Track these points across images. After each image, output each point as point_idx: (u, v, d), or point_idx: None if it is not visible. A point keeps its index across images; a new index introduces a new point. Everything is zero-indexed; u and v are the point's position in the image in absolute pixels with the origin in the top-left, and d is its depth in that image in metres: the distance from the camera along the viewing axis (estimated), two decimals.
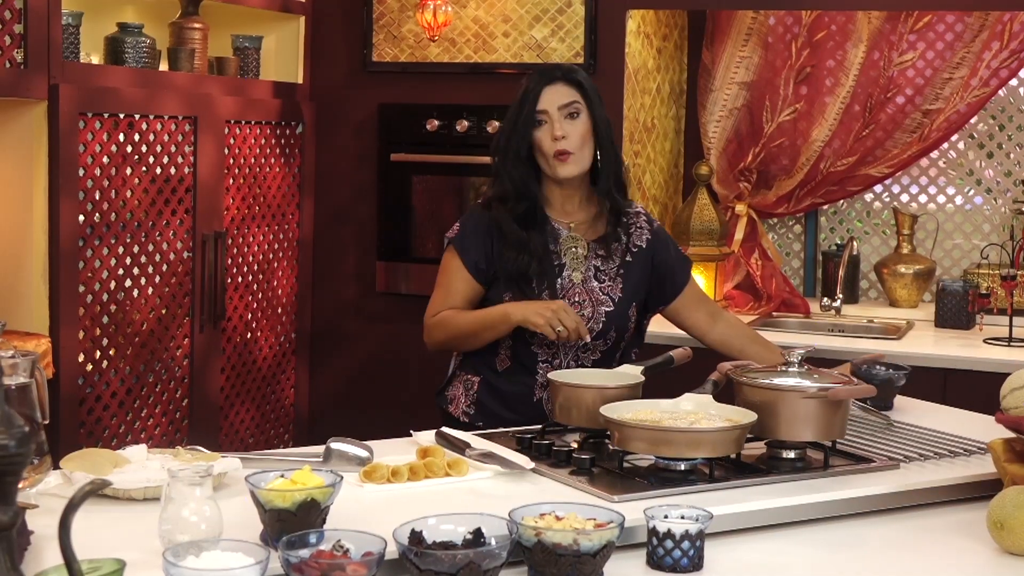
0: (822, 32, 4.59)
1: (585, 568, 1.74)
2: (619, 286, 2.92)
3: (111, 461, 2.16)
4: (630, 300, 2.92)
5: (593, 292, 2.89)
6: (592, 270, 2.92)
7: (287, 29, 4.61)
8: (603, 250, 2.93)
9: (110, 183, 3.69)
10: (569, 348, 2.86)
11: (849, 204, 4.88)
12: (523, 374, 2.89)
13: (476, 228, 2.91)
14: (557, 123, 2.83)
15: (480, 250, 2.89)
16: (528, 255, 2.85)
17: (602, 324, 2.88)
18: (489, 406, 2.91)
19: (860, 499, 2.19)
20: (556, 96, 2.85)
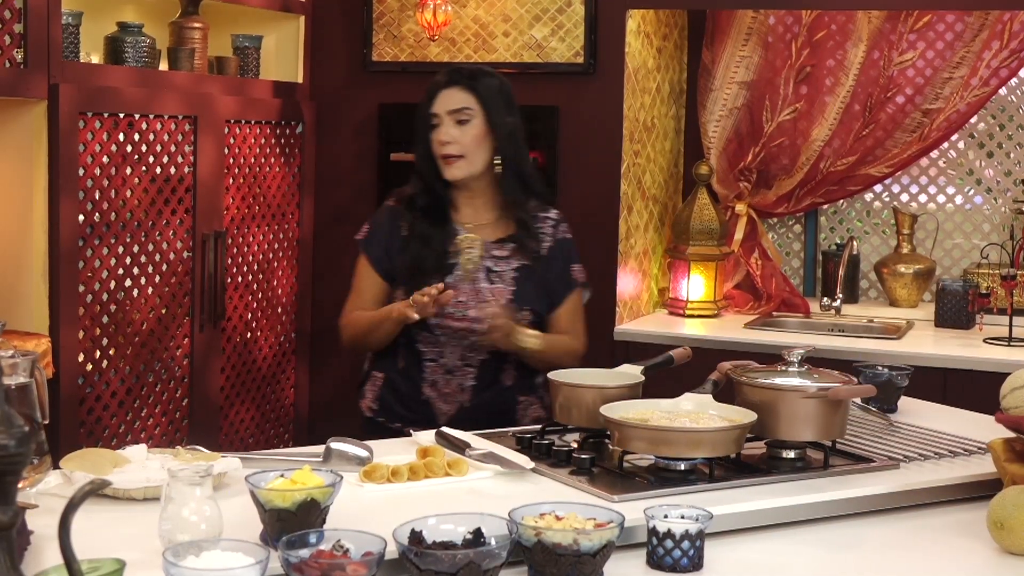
0: (822, 32, 4.59)
1: (585, 568, 1.74)
2: (510, 289, 2.94)
3: (111, 461, 2.16)
4: (521, 304, 2.93)
5: (480, 293, 2.92)
6: (484, 271, 2.94)
7: (287, 29, 4.61)
8: (501, 252, 2.96)
9: (110, 183, 3.69)
10: (454, 346, 2.91)
11: (849, 204, 4.88)
12: (414, 373, 2.96)
13: (381, 225, 3.02)
14: (443, 127, 2.91)
15: (382, 245, 2.99)
16: (428, 249, 2.93)
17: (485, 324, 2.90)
18: (389, 403, 3.00)
19: (860, 499, 2.20)
20: (448, 100, 2.93)
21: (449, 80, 2.96)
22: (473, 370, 2.94)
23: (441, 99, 2.94)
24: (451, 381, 2.94)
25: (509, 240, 2.98)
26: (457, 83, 2.95)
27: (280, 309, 4.51)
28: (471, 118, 2.92)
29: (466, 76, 2.96)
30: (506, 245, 2.97)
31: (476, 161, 2.93)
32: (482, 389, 2.94)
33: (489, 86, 2.96)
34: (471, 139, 2.92)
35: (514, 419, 2.94)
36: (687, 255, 4.55)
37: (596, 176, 4.33)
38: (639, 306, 4.57)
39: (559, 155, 4.37)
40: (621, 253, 4.34)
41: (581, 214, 4.35)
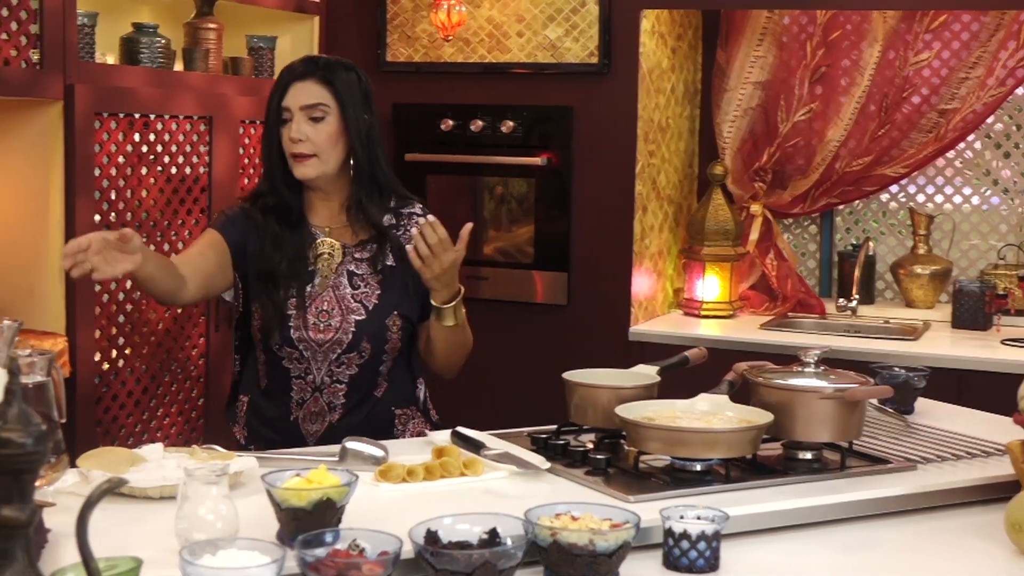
0: (837, 32, 4.58)
1: (601, 568, 1.73)
2: (376, 292, 2.74)
3: (128, 460, 2.17)
4: (389, 308, 2.73)
5: (344, 300, 2.71)
6: (346, 275, 2.74)
7: (301, 29, 4.61)
8: (362, 254, 2.76)
9: (126, 183, 3.70)
10: (320, 361, 2.70)
11: (865, 204, 4.86)
12: (280, 393, 2.74)
13: (236, 218, 2.78)
14: (296, 124, 2.68)
15: (242, 236, 2.74)
16: (279, 254, 2.70)
17: (352, 335, 2.70)
18: (256, 428, 2.79)
19: (877, 500, 2.19)
20: (302, 95, 2.69)
21: (304, 71, 2.71)
22: (343, 386, 2.72)
23: (294, 92, 2.70)
24: (319, 399, 2.72)
25: (371, 241, 2.77)
26: (312, 75, 2.70)
27: None
28: (326, 115, 2.68)
29: (322, 68, 2.71)
30: (368, 247, 2.76)
31: (329, 160, 2.70)
32: (353, 406, 2.74)
33: (347, 81, 2.72)
34: (325, 137, 2.68)
35: (391, 436, 2.75)
36: (702, 256, 4.54)
37: (610, 177, 4.33)
38: (654, 307, 4.57)
39: (573, 156, 4.36)
40: (636, 254, 4.33)
41: (596, 214, 4.36)
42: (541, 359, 4.36)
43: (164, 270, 2.56)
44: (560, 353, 4.24)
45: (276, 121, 2.72)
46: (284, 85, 2.71)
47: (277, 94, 2.72)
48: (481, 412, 3.23)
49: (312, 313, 2.70)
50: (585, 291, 4.37)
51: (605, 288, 4.34)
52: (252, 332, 2.77)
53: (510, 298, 4.45)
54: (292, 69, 2.75)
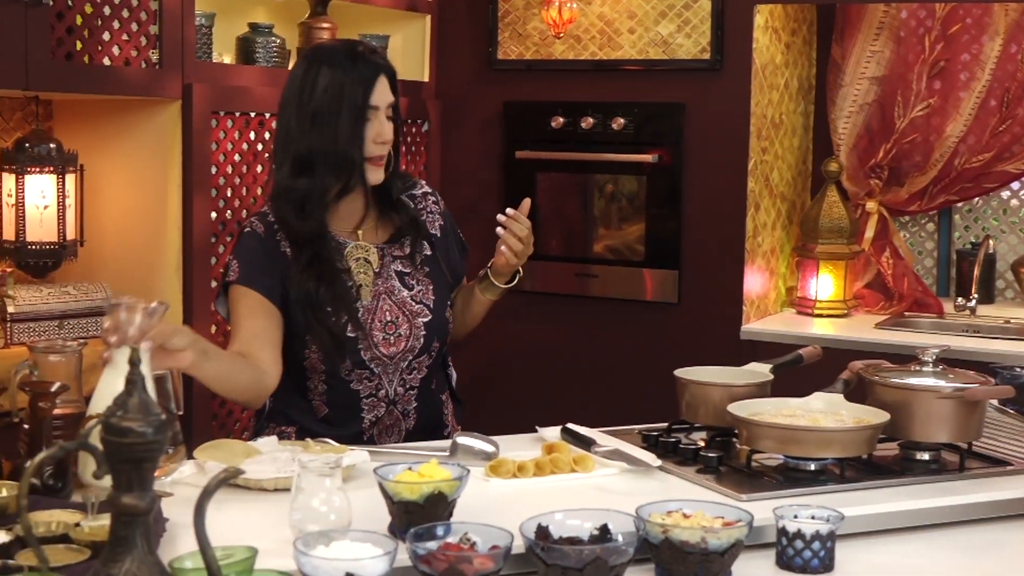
0: (956, 25, 4.47)
1: (713, 566, 1.72)
2: (430, 288, 2.59)
3: (243, 452, 2.20)
4: (444, 300, 2.61)
5: (405, 305, 2.55)
6: (396, 277, 2.56)
7: (413, 28, 4.64)
8: (400, 251, 2.59)
9: (241, 181, 3.76)
10: (391, 374, 2.54)
11: (985, 201, 4.75)
12: (347, 418, 2.54)
13: (255, 254, 2.49)
14: (381, 123, 2.47)
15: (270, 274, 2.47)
16: (312, 281, 2.44)
17: (423, 339, 2.55)
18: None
19: (997, 503, 2.13)
20: (386, 91, 2.48)
21: (382, 68, 2.48)
22: (414, 391, 2.59)
23: (380, 89, 2.47)
24: (394, 411, 2.57)
25: (401, 235, 2.60)
26: (384, 69, 2.49)
27: None
28: (393, 112, 2.51)
29: (383, 60, 2.50)
30: (404, 242, 2.60)
31: None
32: (422, 408, 2.61)
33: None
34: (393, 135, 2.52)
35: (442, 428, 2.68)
36: (816, 253, 4.47)
37: (723, 173, 4.29)
38: (766, 305, 4.51)
39: (685, 152, 4.33)
40: (748, 251, 4.29)
41: (708, 212, 4.32)
42: (651, 358, 4.34)
43: (232, 363, 2.34)
44: (670, 352, 4.21)
45: (360, 120, 2.45)
46: (369, 80, 2.46)
47: (360, 88, 2.45)
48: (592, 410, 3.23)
49: (377, 328, 2.52)
50: (696, 289, 4.34)
51: (716, 286, 4.30)
52: (308, 364, 2.53)
53: (620, 296, 4.43)
54: (373, 67, 2.48)
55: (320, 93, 2.44)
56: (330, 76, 2.44)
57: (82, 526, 1.74)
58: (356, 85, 2.44)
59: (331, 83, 2.44)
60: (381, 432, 2.58)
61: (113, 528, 1.37)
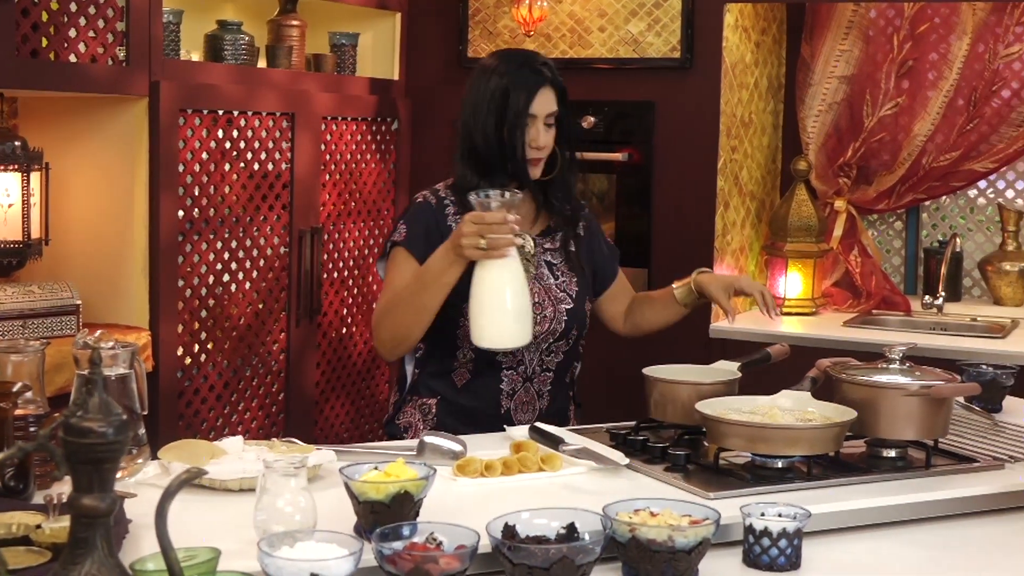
0: (925, 25, 4.50)
1: (680, 565, 1.71)
2: (574, 280, 2.81)
3: (208, 452, 2.18)
4: (585, 294, 2.83)
5: (551, 290, 2.77)
6: (545, 266, 2.80)
7: (383, 26, 4.63)
8: (551, 243, 2.83)
9: (209, 179, 3.74)
10: (532, 351, 2.73)
11: (952, 200, 4.78)
12: (486, 386, 2.74)
13: (427, 226, 2.74)
14: (539, 130, 2.71)
15: (430, 244, 2.68)
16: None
17: (564, 323, 2.76)
18: (450, 426, 2.66)
19: (963, 499, 2.14)
20: (546, 103, 2.72)
21: (549, 77, 2.73)
22: (551, 374, 2.79)
23: (541, 99, 2.71)
24: (530, 388, 2.77)
25: (552, 230, 2.84)
26: (549, 81, 2.73)
27: (375, 305, 4.53)
28: (555, 123, 2.75)
29: (552, 73, 2.74)
30: (555, 236, 2.83)
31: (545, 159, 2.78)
32: (556, 392, 2.81)
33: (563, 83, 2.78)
34: (552, 141, 2.75)
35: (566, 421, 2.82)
36: (785, 252, 4.48)
37: (692, 172, 4.29)
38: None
39: (655, 151, 4.33)
40: (717, 250, 4.29)
41: (677, 210, 4.32)
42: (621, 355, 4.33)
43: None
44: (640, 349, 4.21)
45: (521, 125, 2.69)
46: (531, 90, 2.70)
47: (523, 97, 2.69)
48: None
49: None
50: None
51: None
52: (460, 332, 2.70)
53: None
54: (535, 77, 2.71)
55: (490, 95, 2.71)
56: (500, 81, 2.71)
57: (43, 528, 1.72)
58: (520, 92, 2.69)
59: (499, 88, 2.70)
60: (517, 407, 2.76)
61: (73, 530, 1.36)
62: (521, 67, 2.73)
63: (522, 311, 2.50)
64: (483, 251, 2.45)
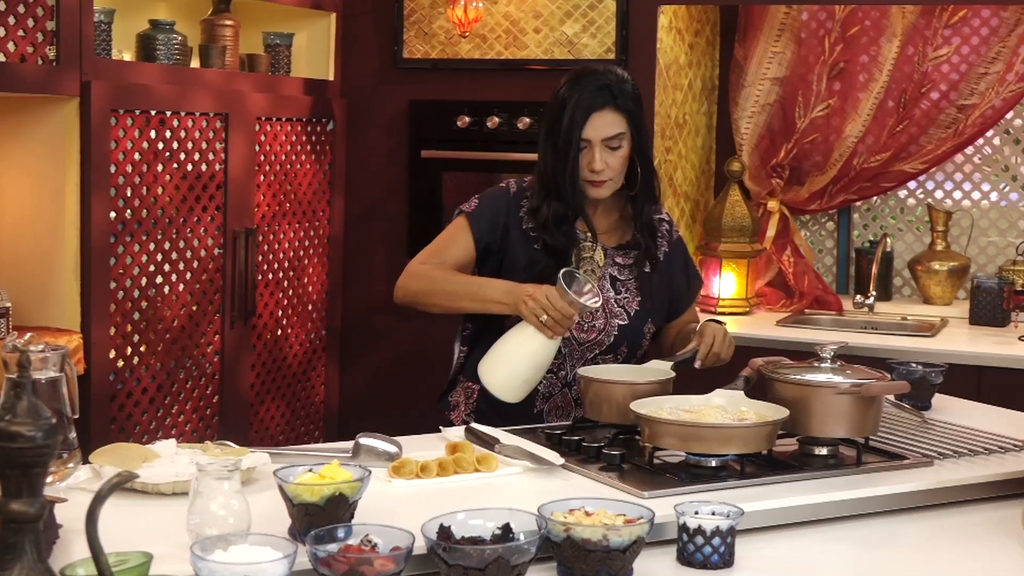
0: (855, 27, 4.55)
1: (615, 564, 1.72)
2: (636, 299, 2.80)
3: (140, 455, 2.16)
4: (647, 315, 2.81)
5: (608, 303, 2.76)
6: (608, 279, 2.79)
7: (318, 26, 4.61)
8: (622, 258, 2.82)
9: (141, 180, 3.70)
10: (576, 358, 2.74)
11: (883, 201, 4.84)
12: None
13: (494, 206, 2.79)
14: (599, 155, 2.67)
15: (494, 233, 2.76)
16: (556, 258, 2.71)
17: (613, 337, 2.76)
18: (488, 415, 2.71)
19: (893, 496, 2.17)
20: (603, 126, 2.67)
21: (603, 102, 2.66)
22: None
23: (595, 123, 2.66)
24: (568, 394, 2.77)
25: (631, 246, 2.81)
26: (608, 105, 2.66)
27: (310, 306, 4.52)
28: (622, 143, 2.69)
29: (617, 94, 2.67)
30: (629, 252, 2.81)
31: (619, 179, 2.73)
32: None
33: (634, 99, 2.71)
34: (620, 163, 2.70)
35: None
36: (719, 252, 4.52)
37: None
38: None
39: None
40: None
41: None
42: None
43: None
44: None
45: (577, 148, 2.67)
46: (584, 115, 2.66)
47: (577, 125, 2.66)
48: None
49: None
50: None
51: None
52: (508, 323, 2.67)
53: None
54: (590, 100, 2.66)
55: (549, 114, 2.72)
56: (559, 102, 2.69)
57: None
58: (572, 117, 2.66)
59: (557, 109, 2.69)
60: (552, 410, 2.76)
61: (2, 535, 1.34)
62: (581, 88, 2.68)
63: (532, 381, 2.61)
64: (539, 322, 2.52)
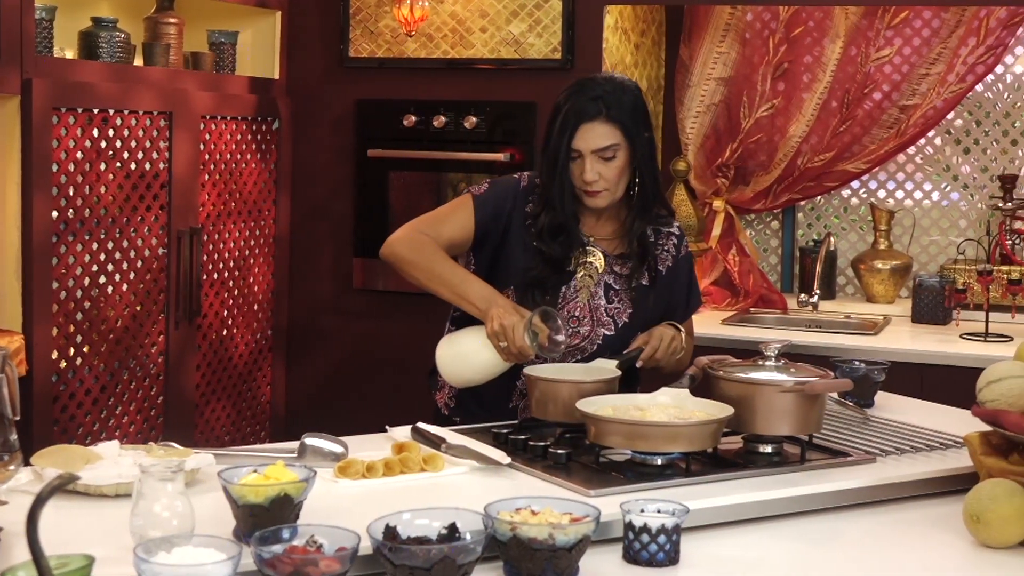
0: (799, 28, 4.59)
1: (561, 562, 1.73)
2: (627, 311, 2.78)
3: (83, 457, 2.14)
4: (636, 327, 2.77)
5: (597, 311, 2.76)
6: (603, 286, 2.77)
7: (263, 24, 4.58)
8: (620, 267, 2.79)
9: (84, 179, 3.66)
10: (558, 361, 2.68)
11: (826, 200, 4.88)
12: (503, 380, 2.72)
13: (503, 195, 2.78)
14: (589, 165, 2.67)
15: (496, 223, 2.76)
16: (551, 267, 2.72)
17: (597, 346, 2.75)
18: (468, 403, 2.81)
19: (837, 493, 2.19)
20: (593, 138, 2.66)
21: (593, 112, 2.65)
22: None
23: (584, 134, 2.66)
24: None
25: (630, 257, 2.79)
26: (600, 116, 2.65)
27: (256, 306, 4.49)
28: (616, 154, 2.67)
29: (609, 107, 2.66)
30: (627, 263, 2.79)
31: (618, 190, 2.72)
32: None
33: (632, 110, 2.69)
34: (616, 173, 2.68)
35: None
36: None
37: None
38: None
39: (537, 151, 4.35)
40: None
41: None
42: None
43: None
44: None
45: (566, 158, 2.68)
46: (574, 125, 2.66)
47: (566, 135, 2.67)
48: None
49: (563, 316, 2.72)
50: None
51: None
52: None
53: None
54: (580, 110, 2.66)
55: (548, 125, 2.73)
56: (557, 109, 2.71)
57: None
58: (562, 127, 2.68)
59: (552, 119, 2.71)
60: (526, 408, 2.67)
61: None
62: (575, 98, 2.68)
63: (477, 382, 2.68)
64: (498, 345, 2.58)
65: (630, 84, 2.76)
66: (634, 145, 2.70)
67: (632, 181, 2.75)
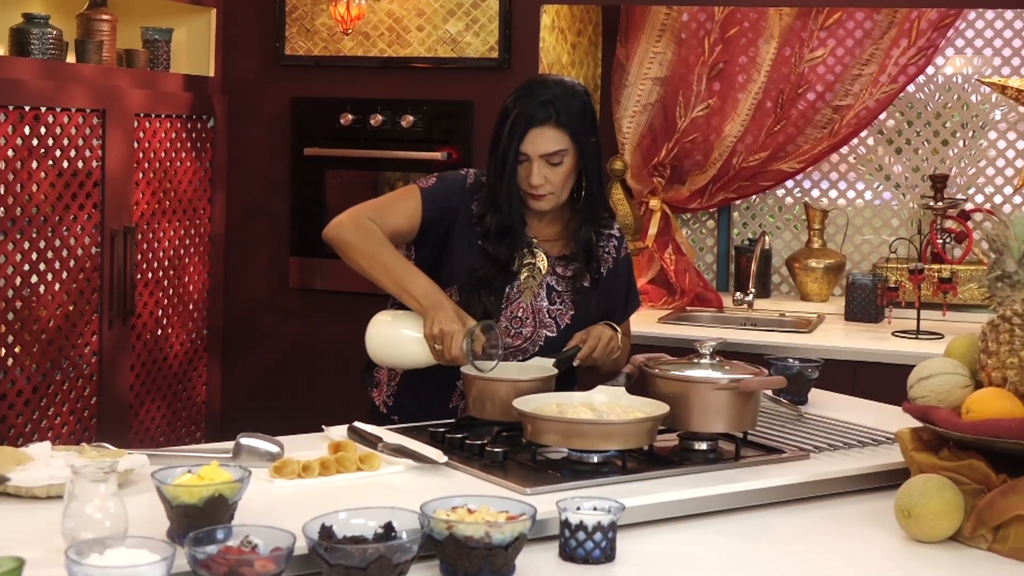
0: (735, 28, 4.63)
1: (497, 561, 1.73)
2: (569, 313, 2.79)
3: (14, 458, 2.11)
4: (576, 329, 2.77)
5: (540, 312, 2.77)
6: (546, 288, 2.79)
7: (198, 21, 4.54)
8: (563, 269, 2.81)
9: (15, 177, 3.61)
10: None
11: (761, 199, 4.93)
12: (443, 380, 2.74)
13: (449, 197, 2.77)
14: (536, 169, 2.67)
15: (441, 219, 2.75)
16: (497, 268, 2.73)
17: (539, 347, 2.76)
18: (406, 403, 2.81)
19: (771, 489, 2.21)
20: (541, 143, 2.67)
21: (543, 117, 2.66)
22: None
23: (534, 139, 2.67)
24: None
25: (573, 259, 2.81)
26: (549, 120, 2.66)
27: (192, 306, 4.45)
28: (563, 159, 2.68)
29: (560, 112, 2.66)
30: (570, 265, 2.80)
31: (563, 194, 2.73)
32: None
33: (580, 116, 2.70)
34: (562, 178, 2.70)
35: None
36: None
37: None
38: None
39: (474, 151, 4.35)
40: None
41: None
42: None
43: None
44: None
45: (514, 161, 2.68)
46: (523, 129, 2.67)
47: (515, 139, 2.67)
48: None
49: (506, 317, 2.74)
50: None
51: None
52: None
53: None
54: (530, 115, 2.66)
55: (495, 126, 2.72)
56: (506, 111, 2.71)
57: None
58: (511, 130, 2.68)
59: (502, 118, 2.71)
60: (466, 408, 2.62)
61: None
62: (525, 101, 2.69)
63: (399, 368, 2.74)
64: (432, 346, 2.56)
65: (580, 88, 2.76)
66: (582, 150, 2.71)
67: (577, 184, 2.76)
